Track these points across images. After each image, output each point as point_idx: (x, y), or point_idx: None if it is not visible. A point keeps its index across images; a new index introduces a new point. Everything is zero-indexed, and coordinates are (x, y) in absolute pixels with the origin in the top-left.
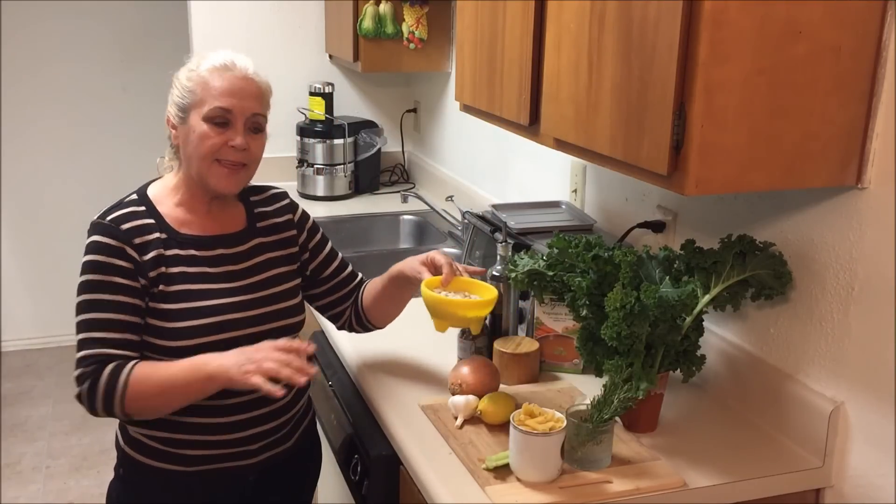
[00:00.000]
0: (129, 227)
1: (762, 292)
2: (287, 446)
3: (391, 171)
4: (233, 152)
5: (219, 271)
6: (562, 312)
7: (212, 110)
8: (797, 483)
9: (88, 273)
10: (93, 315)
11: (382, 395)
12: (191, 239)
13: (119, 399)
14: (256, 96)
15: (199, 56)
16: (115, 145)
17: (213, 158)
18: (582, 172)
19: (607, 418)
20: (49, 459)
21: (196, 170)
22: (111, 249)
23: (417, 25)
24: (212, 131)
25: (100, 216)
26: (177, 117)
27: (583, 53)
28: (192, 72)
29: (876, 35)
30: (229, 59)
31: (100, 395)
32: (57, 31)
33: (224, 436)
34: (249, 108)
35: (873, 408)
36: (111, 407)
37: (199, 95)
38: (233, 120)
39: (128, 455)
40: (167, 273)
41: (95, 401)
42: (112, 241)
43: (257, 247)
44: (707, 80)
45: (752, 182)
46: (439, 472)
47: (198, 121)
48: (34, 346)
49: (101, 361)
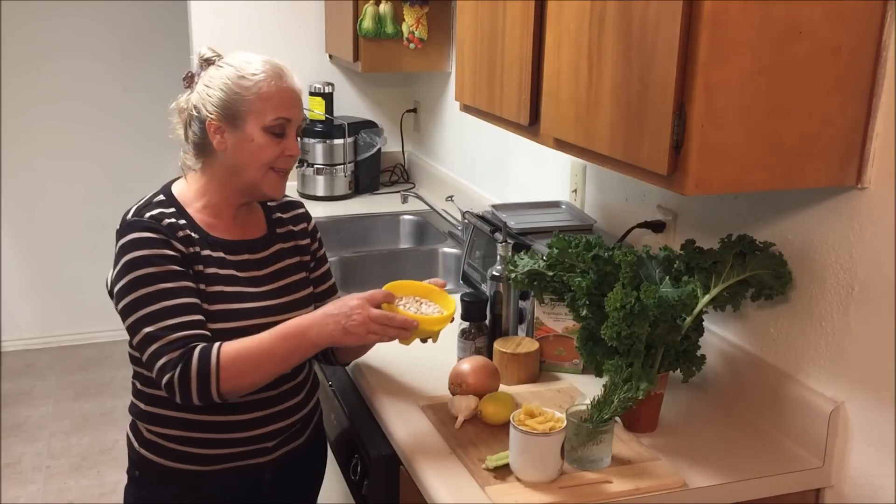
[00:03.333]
0: (168, 224)
1: (762, 292)
2: (299, 442)
3: (391, 171)
4: (289, 160)
5: (245, 276)
6: (562, 312)
7: (275, 121)
8: (797, 483)
9: (137, 269)
10: (157, 306)
11: (382, 395)
12: (220, 242)
13: (214, 380)
14: (301, 104)
15: (239, 59)
16: (116, 145)
17: (270, 167)
18: (582, 172)
19: (607, 418)
20: (49, 459)
21: (249, 178)
22: (157, 242)
23: (417, 25)
24: (271, 141)
25: (134, 214)
26: (226, 123)
27: (583, 53)
28: (244, 79)
29: (876, 35)
30: (278, 67)
31: (193, 379)
32: (57, 30)
33: (241, 433)
34: (300, 116)
35: (873, 408)
36: (207, 389)
37: (258, 105)
38: (288, 129)
39: (143, 457)
40: (204, 272)
41: (189, 386)
42: (155, 234)
43: (278, 252)
44: (707, 80)
45: (752, 182)
46: (439, 472)
47: (256, 130)
48: (34, 346)
49: (184, 346)
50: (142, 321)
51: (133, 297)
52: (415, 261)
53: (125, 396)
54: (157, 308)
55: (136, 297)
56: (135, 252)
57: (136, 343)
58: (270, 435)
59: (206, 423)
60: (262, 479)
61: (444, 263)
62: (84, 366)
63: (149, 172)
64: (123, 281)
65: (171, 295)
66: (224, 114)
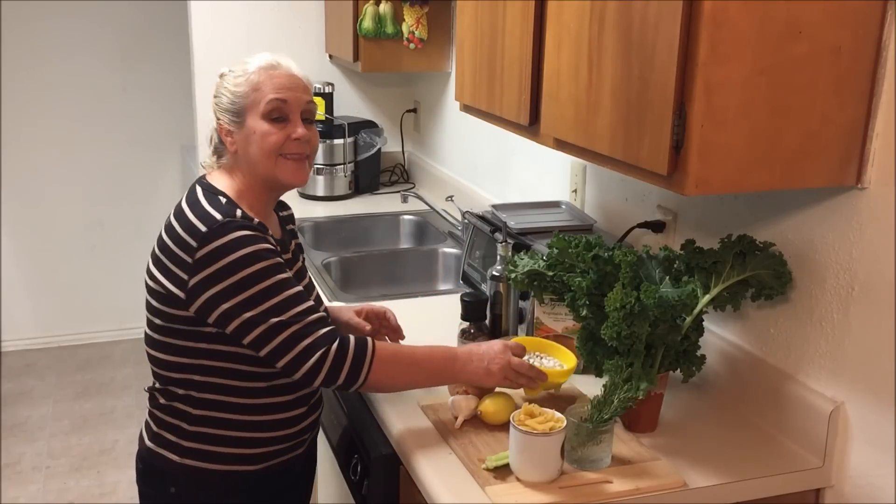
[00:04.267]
0: (258, 222)
1: (762, 292)
2: (314, 432)
3: (391, 171)
4: (297, 144)
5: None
6: (562, 312)
7: (268, 104)
8: (797, 483)
9: (249, 266)
10: (281, 297)
11: (382, 395)
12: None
13: (367, 369)
14: (305, 88)
15: (239, 63)
16: (115, 145)
17: (278, 154)
18: (582, 172)
19: (607, 418)
20: (49, 459)
21: (263, 169)
22: (259, 238)
23: (417, 25)
24: (272, 128)
25: (225, 214)
26: (231, 123)
27: (583, 53)
28: (238, 77)
29: (876, 35)
30: (273, 58)
31: (348, 360)
32: (57, 30)
33: (285, 430)
34: (303, 98)
35: (873, 408)
36: (357, 374)
37: (252, 97)
38: (289, 112)
39: (187, 468)
40: None
41: (342, 366)
42: (255, 231)
43: (296, 249)
44: (707, 80)
45: (752, 182)
46: (439, 472)
47: (256, 120)
48: (34, 346)
49: (325, 326)
50: (267, 313)
51: (250, 293)
52: (415, 261)
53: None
54: (281, 299)
55: (255, 293)
56: (241, 250)
57: (259, 335)
58: (307, 429)
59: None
60: (294, 470)
61: (444, 263)
62: (84, 366)
63: (149, 172)
64: (232, 280)
65: (290, 285)
66: (229, 116)
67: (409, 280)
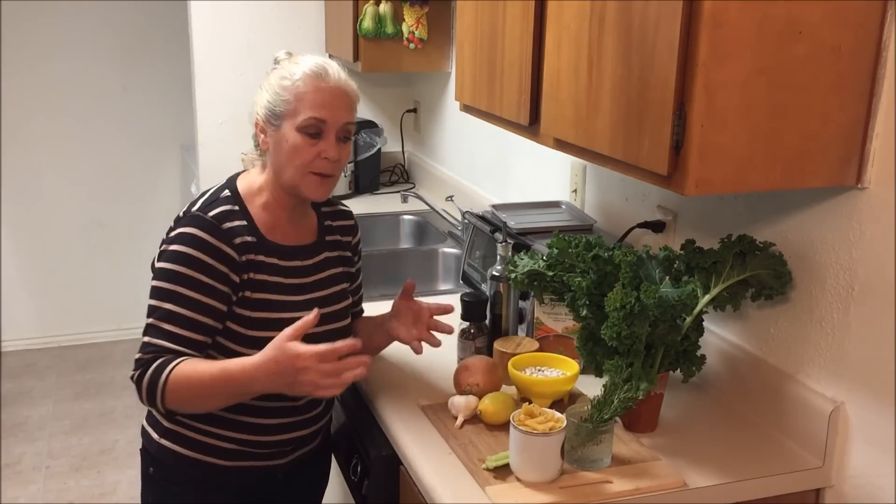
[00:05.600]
0: (230, 227)
1: (762, 292)
2: (312, 446)
3: (391, 171)
4: (326, 164)
5: (291, 283)
6: (562, 312)
7: (306, 121)
8: (797, 483)
9: (174, 263)
10: (167, 306)
11: (382, 395)
12: (276, 247)
13: (160, 395)
14: (348, 106)
15: (290, 61)
16: (115, 145)
17: (307, 171)
18: (582, 172)
19: (607, 418)
20: (49, 459)
21: (287, 179)
22: (207, 246)
23: (417, 25)
24: (305, 142)
25: (199, 209)
26: (268, 122)
27: (583, 53)
28: (285, 79)
29: (876, 35)
30: (322, 67)
31: (144, 387)
32: (57, 30)
33: (265, 437)
34: (342, 119)
35: (873, 408)
36: (153, 401)
37: (294, 105)
38: (326, 130)
39: (163, 448)
40: (254, 279)
41: (141, 392)
42: (211, 238)
43: (324, 261)
44: (707, 80)
45: (752, 182)
46: (439, 472)
47: (291, 130)
48: (34, 346)
49: (157, 353)
50: (150, 310)
51: (156, 283)
52: (415, 261)
53: (125, 396)
54: (164, 308)
55: (157, 286)
56: (179, 245)
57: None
58: (290, 441)
59: (232, 420)
60: (275, 477)
61: (444, 263)
62: (84, 366)
63: (149, 172)
64: (164, 265)
65: (185, 303)
66: (268, 114)
67: None
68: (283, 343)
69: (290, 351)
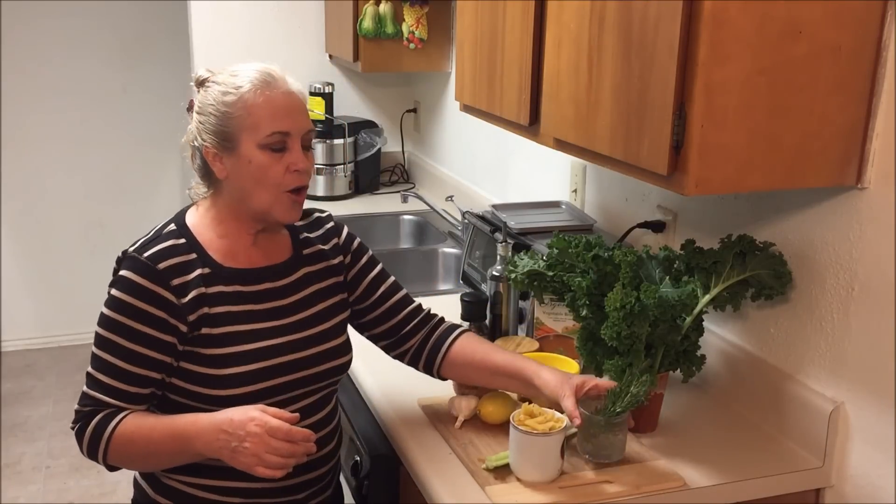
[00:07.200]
0: (168, 266)
1: (762, 292)
2: (328, 494)
3: (391, 171)
4: (297, 176)
5: (265, 308)
6: (562, 312)
7: (269, 137)
8: (797, 483)
9: (113, 310)
10: (106, 356)
11: (382, 395)
12: (236, 273)
13: (102, 451)
14: (304, 111)
15: (227, 75)
16: (115, 145)
17: (280, 190)
18: (582, 172)
19: (620, 410)
20: (49, 459)
21: (257, 203)
22: (143, 292)
23: (417, 25)
24: (271, 159)
25: (135, 249)
26: (220, 147)
27: (583, 53)
28: (229, 94)
29: (876, 35)
30: (267, 73)
31: (85, 440)
32: (57, 30)
33: (272, 483)
34: (304, 126)
35: (873, 408)
36: (95, 455)
37: (248, 120)
38: (290, 142)
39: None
40: (210, 314)
41: (82, 445)
42: (146, 281)
43: (304, 277)
44: (707, 80)
45: (752, 182)
46: (439, 472)
47: (252, 149)
48: (34, 346)
49: (97, 405)
50: (92, 359)
51: (98, 330)
52: (415, 261)
53: None
54: (104, 358)
55: (98, 333)
56: (117, 291)
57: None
58: (302, 485)
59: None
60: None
61: (444, 263)
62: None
63: (149, 172)
64: (104, 311)
65: (123, 355)
66: (218, 139)
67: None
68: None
69: (250, 411)
